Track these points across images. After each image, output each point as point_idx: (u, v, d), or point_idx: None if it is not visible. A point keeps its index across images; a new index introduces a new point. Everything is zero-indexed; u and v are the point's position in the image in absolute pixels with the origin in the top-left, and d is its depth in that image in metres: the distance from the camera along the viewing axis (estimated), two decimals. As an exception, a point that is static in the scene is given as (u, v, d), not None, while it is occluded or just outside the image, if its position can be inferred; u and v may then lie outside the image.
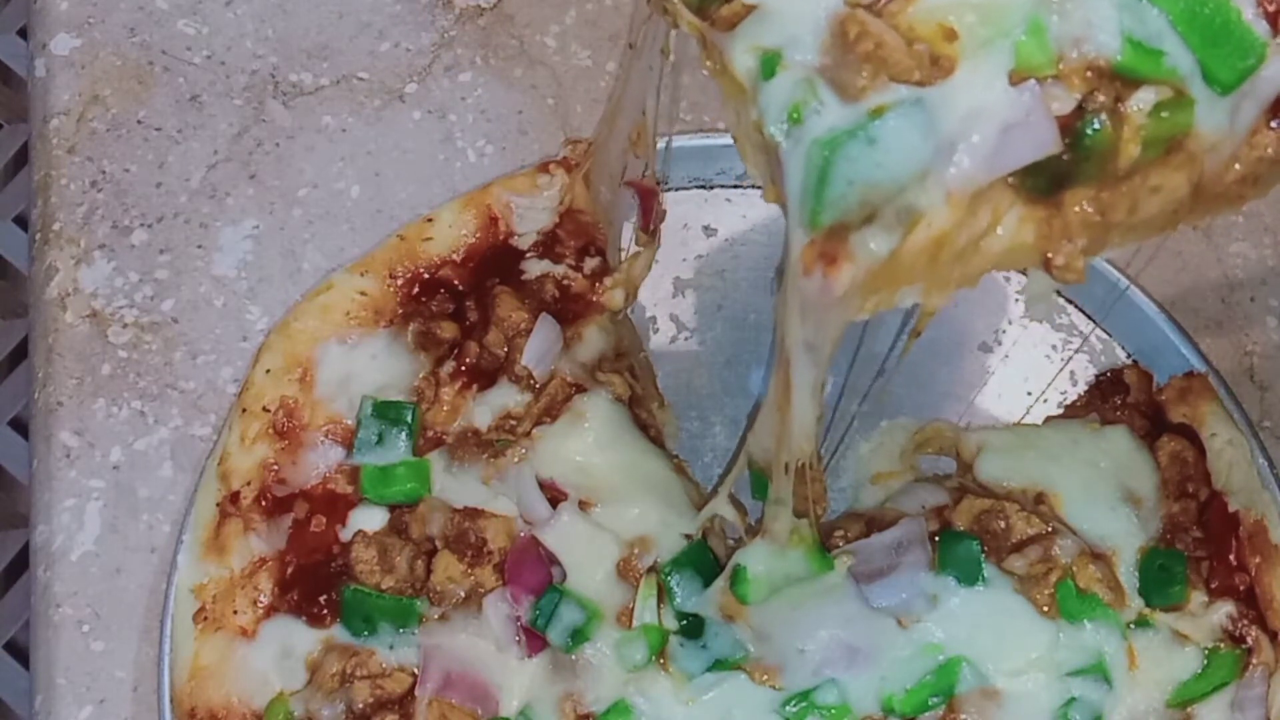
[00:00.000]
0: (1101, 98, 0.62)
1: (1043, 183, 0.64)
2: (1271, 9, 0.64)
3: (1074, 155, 0.63)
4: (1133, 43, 0.62)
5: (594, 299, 0.92)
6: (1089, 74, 0.62)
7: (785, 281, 0.69)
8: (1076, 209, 0.65)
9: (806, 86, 0.63)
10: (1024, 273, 0.94)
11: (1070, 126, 0.62)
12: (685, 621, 0.85)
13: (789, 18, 0.64)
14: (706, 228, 0.98)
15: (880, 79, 0.62)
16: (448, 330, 0.91)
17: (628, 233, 0.94)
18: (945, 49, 0.62)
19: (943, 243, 0.63)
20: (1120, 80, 0.63)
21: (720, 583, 0.84)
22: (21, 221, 1.24)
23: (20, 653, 1.18)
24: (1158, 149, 0.64)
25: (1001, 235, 0.65)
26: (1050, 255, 0.66)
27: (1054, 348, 0.97)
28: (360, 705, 0.83)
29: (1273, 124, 0.66)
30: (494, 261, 0.94)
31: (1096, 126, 0.62)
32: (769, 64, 0.63)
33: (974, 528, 0.86)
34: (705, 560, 0.86)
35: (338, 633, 0.85)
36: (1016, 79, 0.62)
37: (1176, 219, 0.68)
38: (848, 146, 0.61)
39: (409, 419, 0.89)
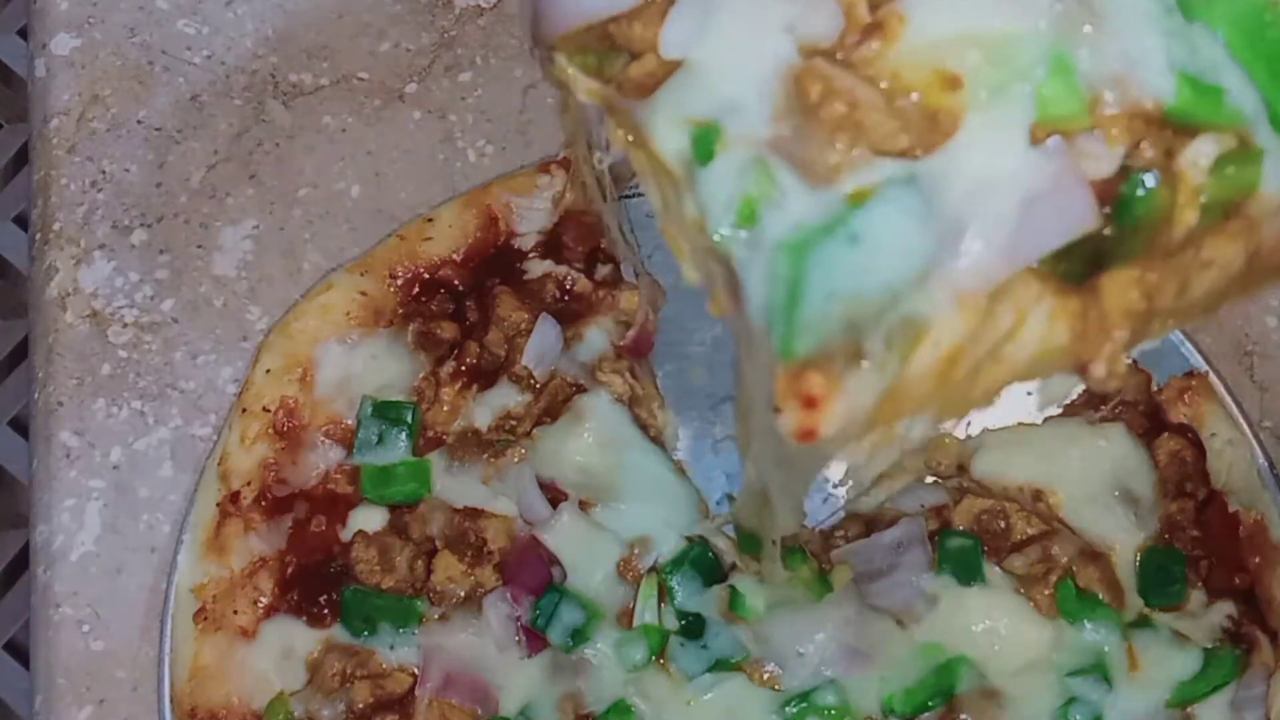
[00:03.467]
0: (1149, 153, 0.50)
1: (1077, 266, 0.51)
2: None
3: (1116, 229, 0.50)
4: (1186, 79, 0.49)
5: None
6: (1132, 123, 0.49)
7: (747, 419, 0.58)
8: (1119, 296, 0.52)
9: (759, 171, 0.49)
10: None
11: (1111, 192, 0.50)
12: (685, 621, 0.85)
13: (725, 76, 0.50)
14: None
15: (858, 152, 0.48)
16: (448, 330, 0.91)
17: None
18: (944, 101, 0.49)
19: (955, 358, 0.50)
20: (1171, 129, 0.50)
21: (720, 590, 0.85)
22: (21, 221, 1.24)
23: (20, 653, 1.18)
24: (1216, 215, 0.51)
25: (1028, 339, 0.51)
26: (1088, 360, 0.52)
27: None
28: (360, 705, 0.83)
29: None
30: (494, 261, 0.94)
31: (1145, 190, 0.49)
32: (704, 142, 0.50)
33: (974, 528, 0.86)
34: (705, 560, 0.86)
35: (338, 633, 0.85)
36: (1039, 135, 0.49)
37: (1223, 299, 0.55)
38: (823, 249, 0.48)
39: (409, 419, 0.89)
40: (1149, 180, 0.50)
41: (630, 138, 0.54)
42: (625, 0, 0.53)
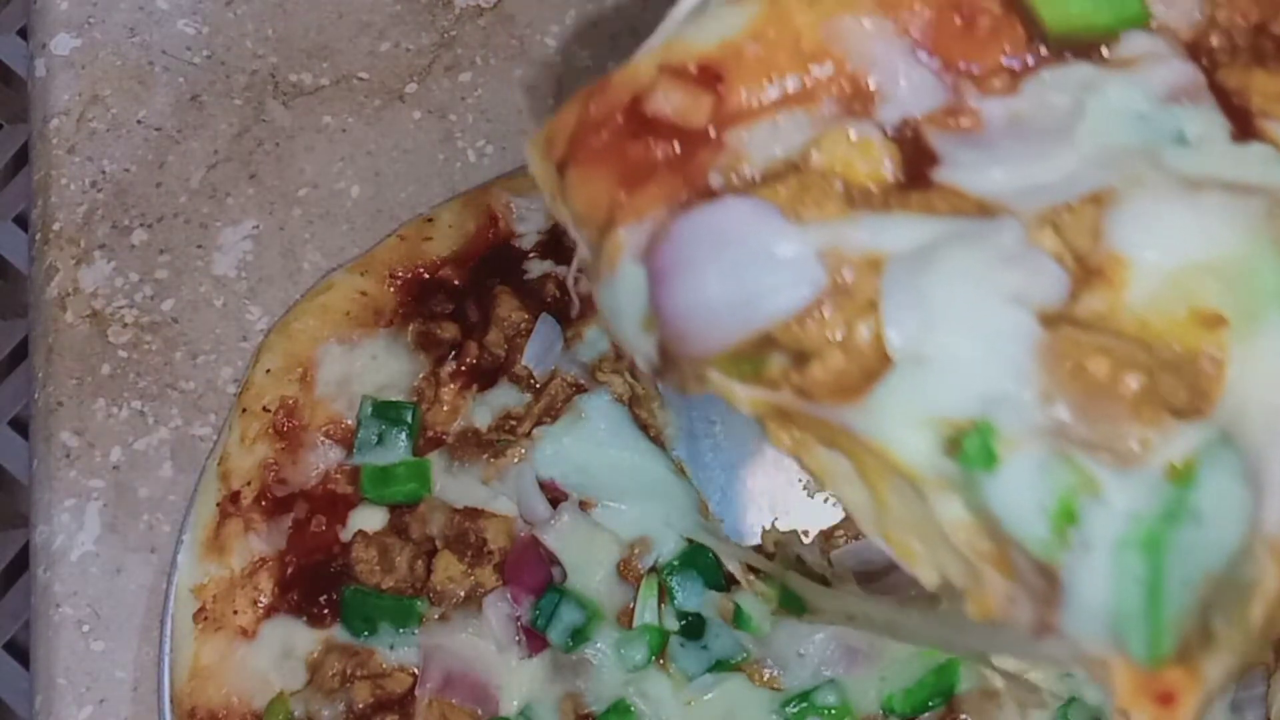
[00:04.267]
0: None
1: None
2: None
3: None
4: None
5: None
6: None
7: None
8: None
9: (1065, 466, 0.45)
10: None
11: None
12: (685, 622, 0.85)
13: (972, 366, 0.46)
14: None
15: (1160, 422, 0.44)
16: (448, 330, 0.91)
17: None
18: (1206, 341, 0.46)
19: (1274, 609, 0.47)
20: None
21: (723, 600, 0.85)
22: (21, 221, 1.24)
23: (20, 653, 1.18)
24: None
25: None
26: None
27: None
28: (360, 705, 0.83)
29: None
30: (494, 261, 0.94)
31: None
32: (980, 444, 0.46)
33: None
34: (706, 560, 0.86)
35: (338, 633, 0.85)
36: None
37: None
38: (1176, 537, 0.44)
39: (409, 419, 0.89)
40: None
41: (803, 440, 0.51)
42: (798, 300, 0.50)
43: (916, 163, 0.52)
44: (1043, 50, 0.54)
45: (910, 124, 0.53)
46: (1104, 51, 0.54)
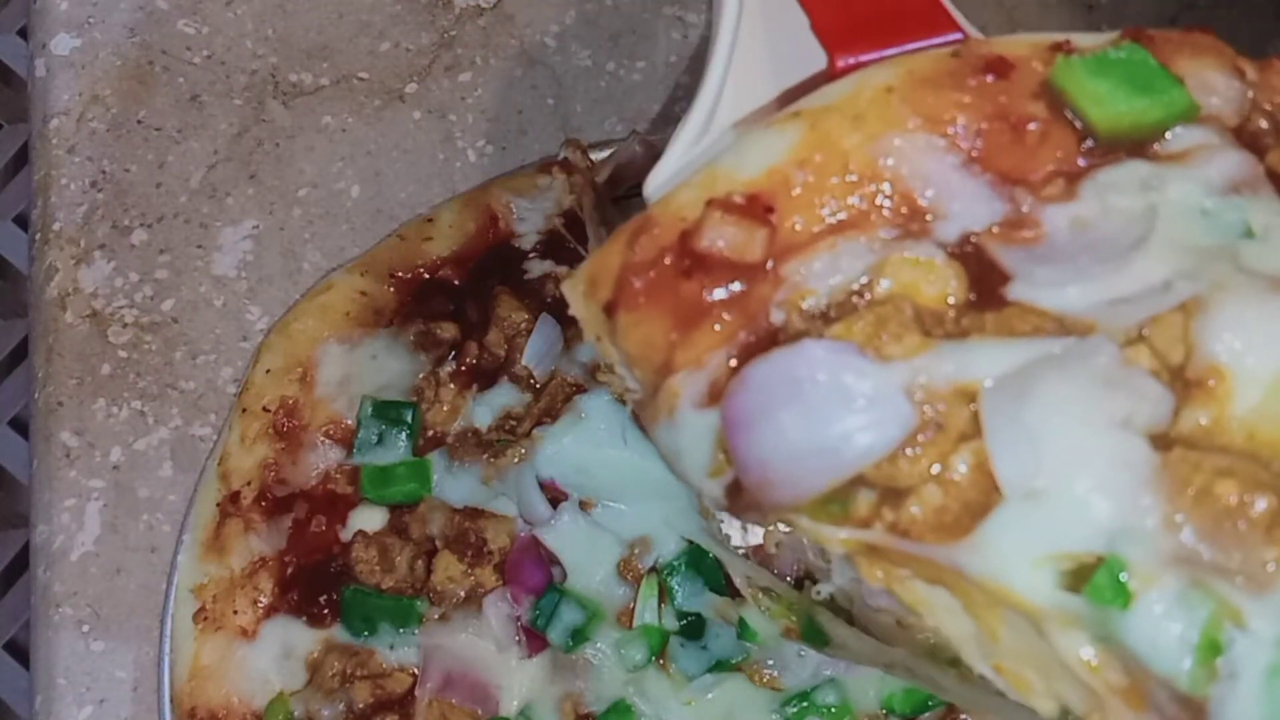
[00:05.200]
0: None
1: None
2: None
3: None
4: None
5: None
6: None
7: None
8: None
9: (1204, 597, 0.44)
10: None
11: None
12: (685, 622, 0.85)
13: (1090, 499, 0.45)
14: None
15: None
16: (448, 330, 0.91)
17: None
18: None
19: None
20: None
21: (718, 599, 0.85)
22: (21, 221, 1.24)
23: (20, 653, 1.18)
24: None
25: None
26: None
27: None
28: (360, 705, 0.83)
29: None
30: (494, 261, 0.94)
31: None
32: (1112, 584, 0.44)
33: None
34: (706, 561, 0.86)
35: (338, 633, 0.85)
36: None
37: None
38: None
39: (409, 419, 0.89)
40: None
41: (898, 575, 0.49)
42: (888, 440, 0.48)
43: (985, 280, 0.51)
44: (1094, 151, 0.53)
45: (971, 239, 0.51)
46: (1156, 148, 0.53)
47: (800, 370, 0.50)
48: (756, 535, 0.90)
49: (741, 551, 0.89)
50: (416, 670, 0.85)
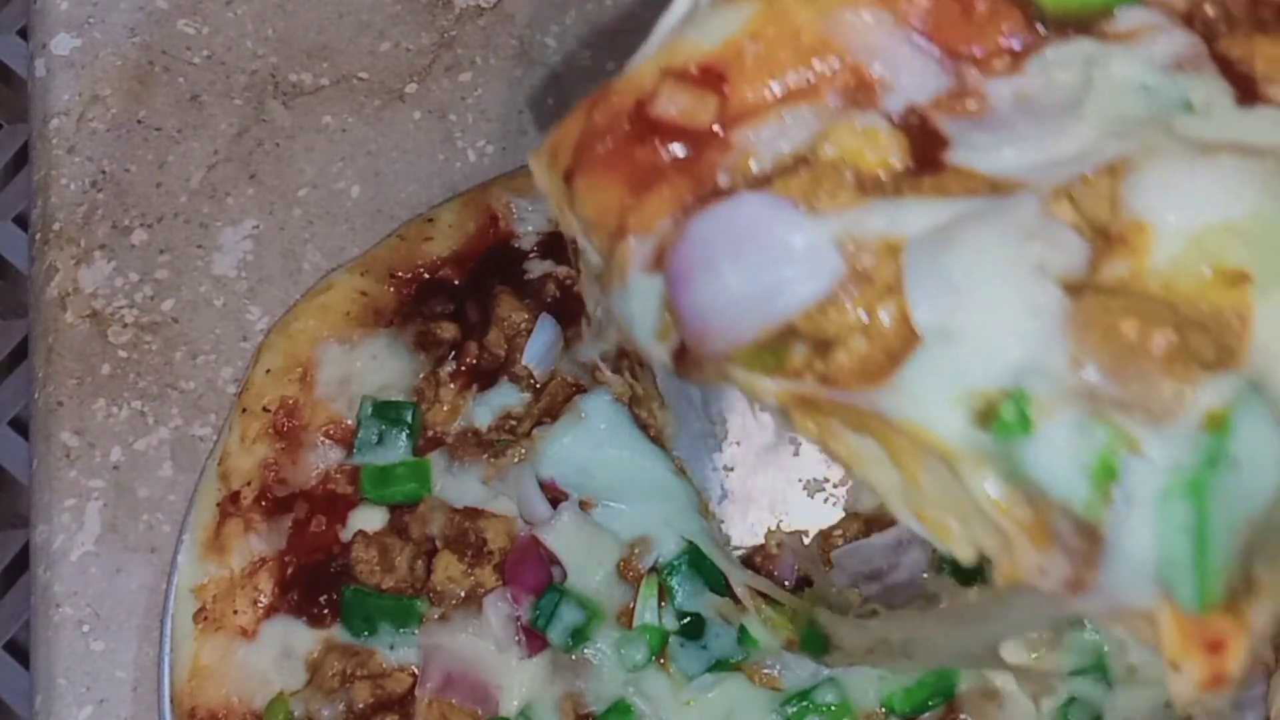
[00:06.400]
0: None
1: None
2: None
3: None
4: None
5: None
6: None
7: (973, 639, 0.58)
8: None
9: (1101, 425, 0.46)
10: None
11: None
12: (685, 621, 0.85)
13: (1003, 338, 0.47)
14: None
15: (1191, 376, 0.46)
16: (448, 330, 0.91)
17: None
18: (1230, 298, 0.47)
19: None
20: None
21: (718, 599, 0.85)
22: (21, 221, 1.24)
23: (20, 653, 1.18)
24: None
25: None
26: None
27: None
28: (360, 705, 0.83)
29: None
30: (494, 261, 0.94)
31: None
32: (1014, 414, 0.46)
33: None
34: (706, 561, 0.86)
35: (338, 633, 0.85)
36: None
37: None
38: (1216, 484, 0.45)
39: (409, 419, 0.89)
40: None
41: (828, 426, 0.51)
42: (818, 290, 0.50)
43: (926, 148, 0.52)
44: (1042, 29, 0.54)
45: (916, 111, 0.53)
46: (1104, 27, 0.54)
47: (737, 221, 0.52)
48: (757, 535, 0.90)
49: (741, 552, 0.89)
50: (416, 670, 0.85)
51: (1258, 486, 0.46)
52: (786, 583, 0.88)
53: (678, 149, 0.53)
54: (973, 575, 0.84)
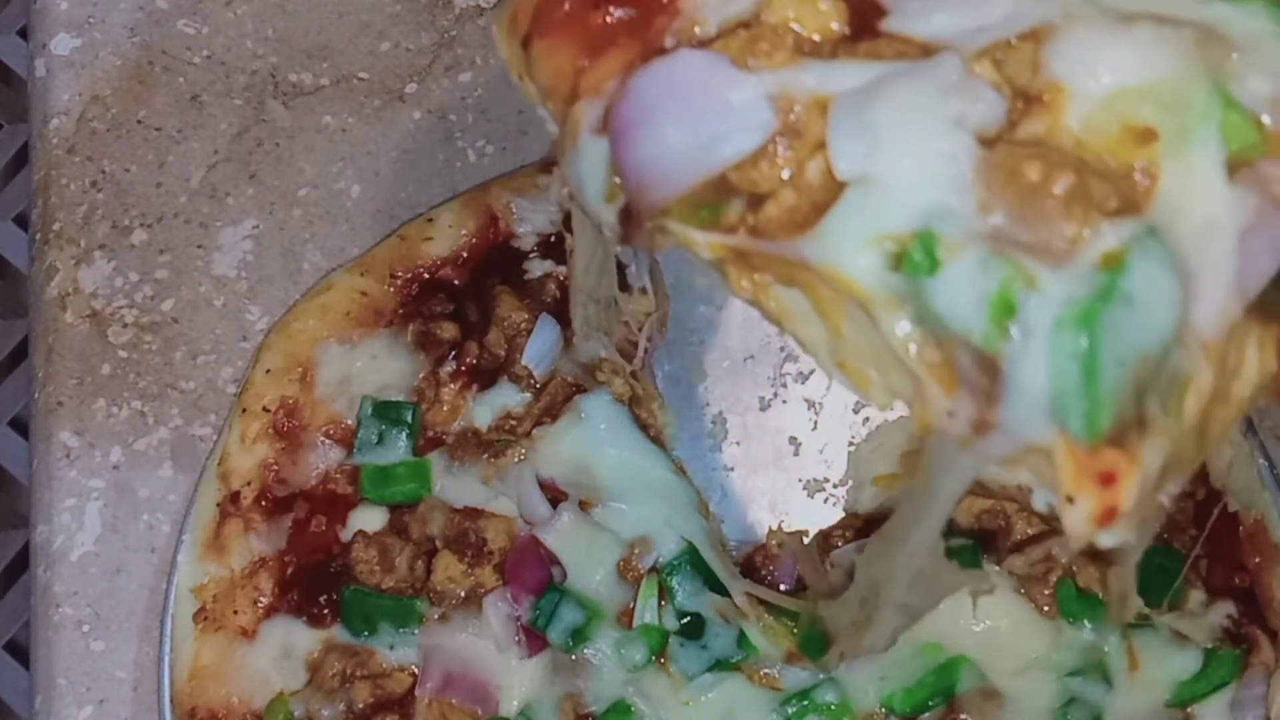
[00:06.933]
0: None
1: (1270, 294, 0.51)
2: None
3: None
4: None
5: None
6: None
7: (897, 538, 0.59)
8: None
9: (1002, 263, 0.48)
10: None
11: None
12: (685, 621, 0.85)
13: (917, 184, 0.50)
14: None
15: (1090, 220, 0.48)
16: (448, 330, 0.91)
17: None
18: (1139, 155, 0.49)
19: (1208, 408, 0.51)
20: None
21: (718, 599, 0.85)
22: (21, 221, 1.24)
23: (20, 653, 1.18)
24: None
25: (1249, 374, 0.52)
26: None
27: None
28: (360, 705, 0.83)
29: None
30: (494, 261, 0.94)
31: None
32: (924, 252, 0.49)
33: (974, 527, 0.86)
34: (706, 562, 0.86)
35: (338, 633, 0.85)
36: (1233, 169, 0.50)
37: None
38: (1107, 316, 0.47)
39: (409, 419, 0.89)
40: None
41: (763, 283, 0.53)
42: (751, 142, 0.52)
43: (865, 15, 0.54)
44: None
45: None
46: None
47: (676, 77, 0.54)
48: (757, 535, 0.90)
49: (741, 553, 0.89)
50: (416, 670, 0.84)
51: (1151, 325, 0.48)
52: (784, 585, 0.88)
53: (628, 13, 0.56)
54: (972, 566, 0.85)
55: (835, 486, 0.92)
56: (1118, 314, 0.47)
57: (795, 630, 0.83)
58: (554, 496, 0.87)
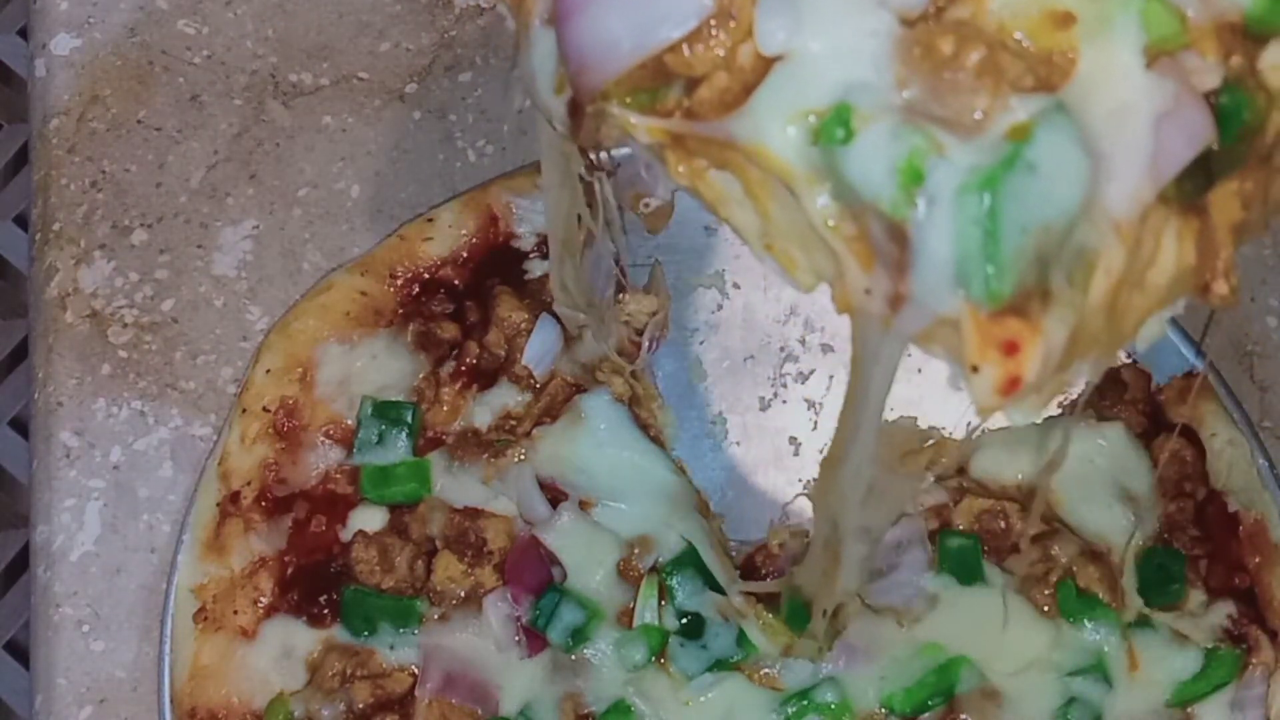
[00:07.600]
0: (1237, 61, 0.52)
1: (1189, 185, 0.52)
2: None
3: (1220, 142, 0.52)
4: None
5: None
6: (1220, 35, 0.51)
7: (840, 456, 0.60)
8: (1224, 209, 0.54)
9: (913, 131, 0.49)
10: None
11: (1212, 105, 0.52)
12: (685, 621, 0.85)
13: (837, 60, 0.51)
14: (707, 227, 0.98)
15: (1001, 94, 0.49)
16: (448, 330, 0.91)
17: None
18: (1058, 40, 0.50)
19: (1119, 289, 0.52)
20: (1251, 38, 0.52)
21: (719, 599, 0.85)
22: (21, 221, 1.24)
23: (20, 653, 1.18)
24: None
25: (1165, 263, 0.53)
26: (1210, 280, 0.54)
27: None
28: (360, 705, 0.83)
29: None
30: (494, 261, 0.94)
31: (1241, 98, 0.51)
32: (840, 124, 0.50)
33: (974, 527, 0.86)
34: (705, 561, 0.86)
35: (338, 633, 0.85)
36: (1150, 58, 0.51)
37: None
38: (1010, 182, 0.48)
39: (409, 419, 0.89)
40: (1244, 89, 0.51)
41: (699, 168, 0.54)
42: (687, 24, 0.53)
43: None
44: None
45: None
46: None
47: None
48: (757, 534, 0.90)
49: (740, 552, 0.89)
50: (416, 670, 0.84)
51: (1055, 196, 0.49)
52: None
53: None
54: (971, 576, 0.85)
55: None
56: (1021, 181, 0.48)
57: (792, 627, 0.83)
58: (554, 496, 0.87)
